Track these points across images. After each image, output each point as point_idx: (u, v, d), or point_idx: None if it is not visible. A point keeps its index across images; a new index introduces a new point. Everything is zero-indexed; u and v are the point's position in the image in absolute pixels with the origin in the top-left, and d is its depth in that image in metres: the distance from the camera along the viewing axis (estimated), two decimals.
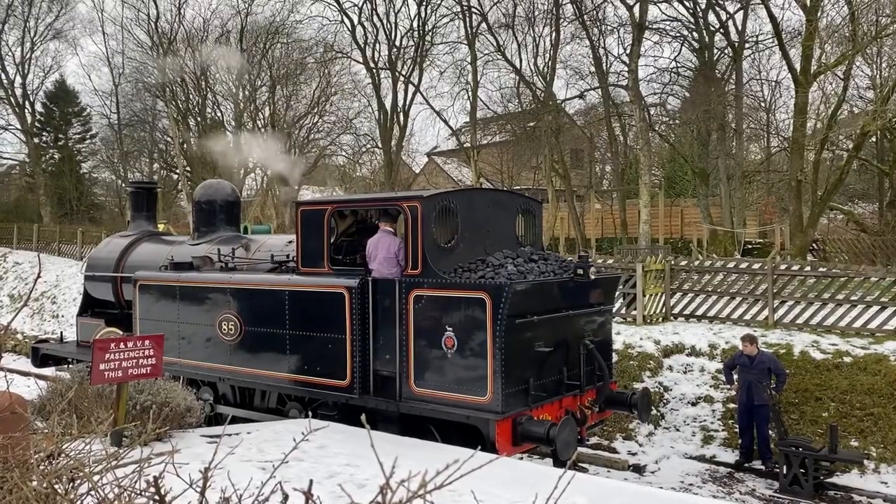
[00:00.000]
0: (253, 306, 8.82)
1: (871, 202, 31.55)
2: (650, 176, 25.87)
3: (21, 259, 27.77)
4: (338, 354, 7.93)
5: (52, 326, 22.08)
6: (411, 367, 7.48)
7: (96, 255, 12.45)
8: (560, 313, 7.70)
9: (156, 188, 13.89)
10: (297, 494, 1.70)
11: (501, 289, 6.90)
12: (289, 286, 8.45)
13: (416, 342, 7.44)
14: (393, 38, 32.27)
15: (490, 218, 8.36)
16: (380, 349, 7.78)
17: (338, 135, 36.34)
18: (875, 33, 20.19)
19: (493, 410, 6.95)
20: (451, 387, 7.21)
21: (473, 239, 8.07)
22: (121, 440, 6.22)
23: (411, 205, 7.57)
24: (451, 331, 7.19)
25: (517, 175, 35.80)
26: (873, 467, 9.60)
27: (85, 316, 12.28)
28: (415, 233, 7.49)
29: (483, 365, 6.99)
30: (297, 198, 35.39)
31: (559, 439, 6.88)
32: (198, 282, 9.53)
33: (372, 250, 7.96)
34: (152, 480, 1.66)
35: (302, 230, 8.48)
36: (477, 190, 8.69)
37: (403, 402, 7.55)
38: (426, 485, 1.28)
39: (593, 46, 28.35)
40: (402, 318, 7.53)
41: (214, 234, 11.05)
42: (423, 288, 7.40)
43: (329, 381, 8.04)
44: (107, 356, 6.80)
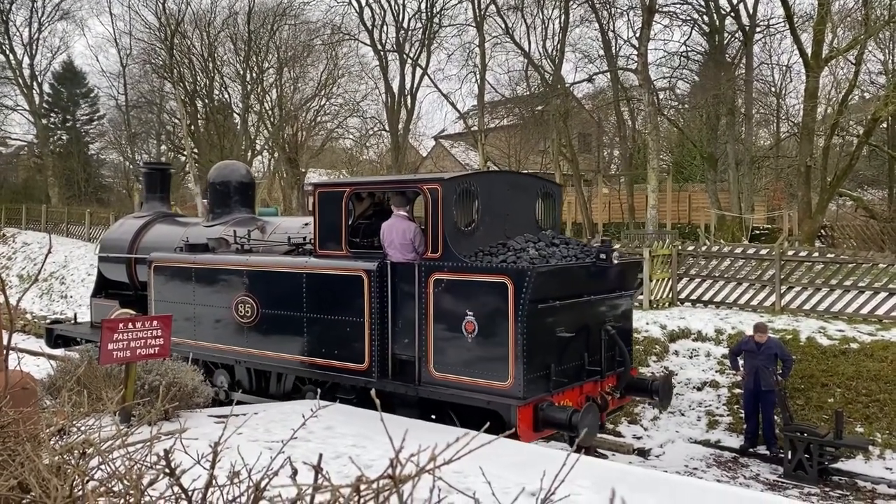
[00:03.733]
0: (269, 288, 8.75)
1: (880, 188, 31.36)
2: (658, 161, 25.78)
3: (30, 239, 27.92)
4: (356, 338, 7.88)
5: (60, 307, 22.22)
6: (430, 352, 7.41)
7: (110, 237, 12.40)
8: (582, 298, 7.60)
9: (169, 169, 13.68)
10: (306, 470, 1.72)
11: (524, 273, 6.80)
12: (306, 269, 8.38)
13: (436, 326, 7.37)
14: (401, 19, 32.13)
15: (510, 201, 8.24)
16: (398, 333, 7.72)
17: (345, 117, 36.28)
18: (888, 17, 19.98)
19: (514, 396, 6.88)
20: (471, 371, 7.14)
21: (493, 222, 7.95)
22: (129, 418, 6.28)
23: (432, 187, 7.43)
24: (471, 315, 7.10)
25: (525, 159, 35.68)
26: (878, 453, 9.60)
27: (99, 297, 12.24)
28: (435, 216, 7.39)
29: (504, 350, 6.91)
30: (305, 180, 35.44)
31: (582, 425, 6.82)
32: (214, 264, 9.45)
33: (387, 235, 7.85)
34: (163, 454, 1.68)
35: (319, 212, 8.38)
36: (497, 173, 8.69)
37: (422, 386, 7.49)
38: (435, 458, 1.29)
39: (602, 29, 28.15)
40: (421, 301, 7.45)
41: (229, 216, 10.95)
42: (443, 272, 7.31)
43: (347, 364, 7.99)
44: (115, 336, 6.84)
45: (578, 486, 5.02)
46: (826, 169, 22.71)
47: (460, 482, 4.46)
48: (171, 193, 13.80)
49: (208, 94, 35.23)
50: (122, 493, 1.85)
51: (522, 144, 34.45)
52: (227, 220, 10.78)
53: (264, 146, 36.26)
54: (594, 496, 4.87)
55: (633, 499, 4.86)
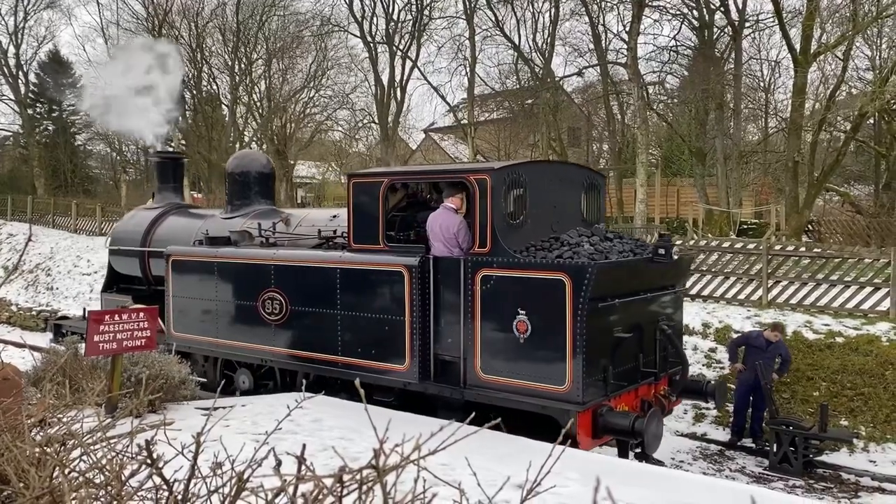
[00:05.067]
0: (300, 284, 8.32)
1: (867, 184, 31.58)
2: (647, 155, 25.84)
3: (15, 230, 27.68)
4: (395, 337, 7.49)
5: (46, 298, 22.05)
6: (477, 353, 7.02)
7: (122, 229, 11.92)
8: (638, 296, 7.21)
9: (182, 158, 13.11)
10: (291, 461, 1.70)
11: (584, 270, 6.40)
12: (340, 264, 7.95)
13: (484, 326, 6.97)
14: (391, 11, 31.99)
15: (556, 193, 7.81)
16: (441, 332, 7.33)
17: (334, 110, 36.13)
18: (876, 14, 20.08)
19: (572, 401, 6.49)
20: (523, 374, 6.74)
21: (540, 215, 7.51)
22: (115, 410, 6.24)
23: (480, 177, 7.04)
24: (523, 314, 6.69)
25: (514, 153, 35.69)
26: (862, 446, 9.70)
27: (110, 292, 11.73)
28: (483, 208, 6.99)
29: (561, 351, 6.51)
30: (293, 173, 35.28)
31: (648, 432, 6.52)
32: (239, 257, 9.02)
33: (433, 227, 7.45)
34: (144, 444, 1.66)
35: (354, 204, 7.94)
36: (544, 162, 8.29)
37: (468, 389, 7.10)
38: (420, 448, 1.28)
39: (592, 23, 28.14)
40: (467, 299, 7.06)
41: (249, 208, 10.51)
42: (493, 268, 6.90)
43: (386, 364, 7.60)
44: (101, 328, 6.80)
45: (565, 478, 5.03)
46: (813, 164, 22.85)
47: (447, 474, 4.45)
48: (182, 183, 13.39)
49: (196, 85, 34.97)
50: (102, 484, 1.83)
51: (512, 138, 34.45)
52: (248, 213, 10.37)
53: (253, 138, 36.03)
54: (581, 488, 4.89)
55: (620, 491, 4.88)
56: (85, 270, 22.86)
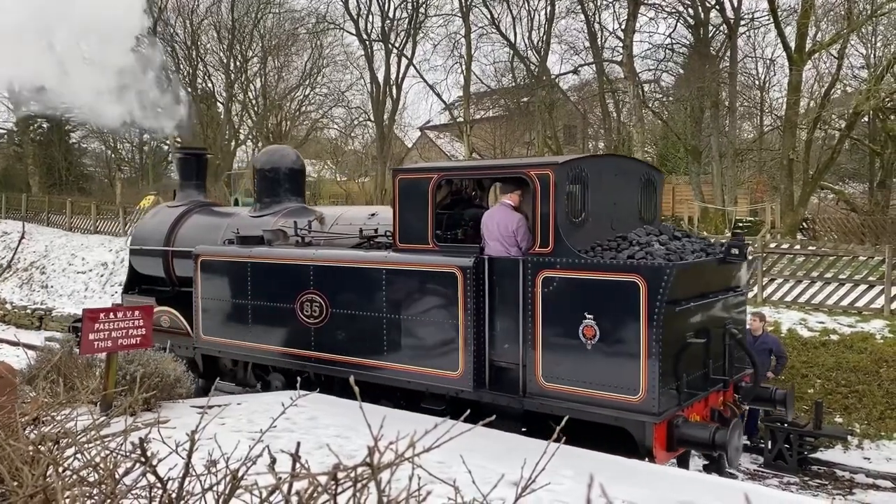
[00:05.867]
0: (342, 286, 7.92)
1: (861, 182, 31.67)
2: (643, 153, 25.86)
3: (10, 228, 27.60)
4: (447, 342, 7.07)
5: (40, 297, 21.99)
6: (538, 359, 6.60)
7: (143, 227, 11.45)
8: (709, 298, 6.83)
9: (206, 154, 12.59)
10: (286, 459, 1.70)
11: (661, 271, 5.99)
12: (386, 264, 7.55)
13: (546, 331, 6.54)
14: (386, 9, 31.96)
15: (615, 189, 7.39)
16: (497, 337, 6.92)
17: (329, 107, 36.12)
18: (870, 12, 20.12)
19: (647, 411, 6.07)
20: (590, 383, 6.32)
21: (600, 213, 7.10)
22: (109, 408, 6.22)
23: (541, 173, 6.63)
24: (591, 319, 6.28)
25: (510, 150, 35.71)
26: (856, 443, 9.73)
27: (131, 294, 11.31)
28: (545, 205, 6.57)
29: (635, 359, 6.09)
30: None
31: (731, 445, 6.19)
32: (275, 258, 8.58)
33: (489, 225, 7.06)
34: (138, 442, 1.66)
35: (400, 201, 7.53)
36: (604, 157, 7.73)
37: (528, 397, 6.69)
38: (414, 446, 1.28)
39: (588, 21, 28.15)
40: (526, 302, 6.65)
41: (279, 206, 10.07)
42: (556, 269, 6.48)
43: (436, 371, 7.18)
44: (96, 326, 6.78)
45: (560, 475, 5.04)
46: (808, 162, 22.90)
47: (442, 472, 4.45)
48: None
49: (191, 82, 34.90)
50: (96, 483, 1.83)
51: (508, 136, 34.44)
52: (278, 211, 9.95)
53: (248, 136, 36.00)
54: (575, 485, 4.89)
55: (614, 488, 4.89)
56: (80, 269, 22.81)
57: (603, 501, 3.14)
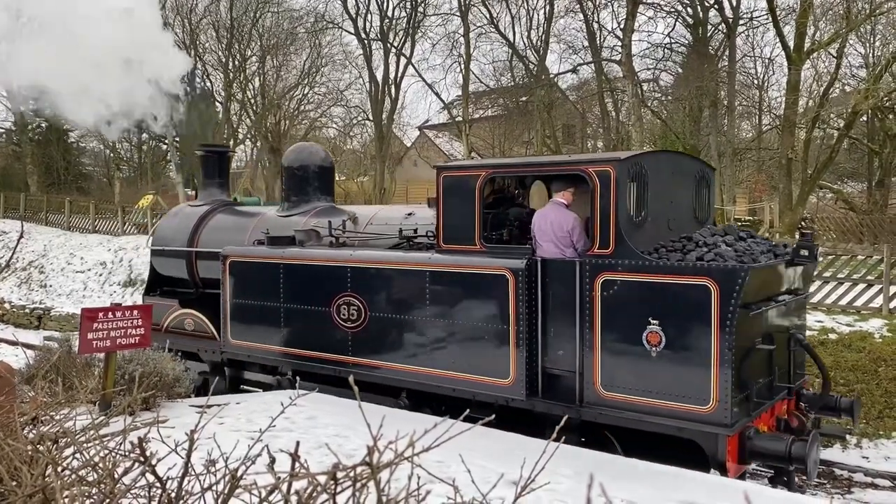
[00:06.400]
0: (381, 288, 7.62)
1: (860, 181, 31.69)
2: None
3: (8, 228, 27.59)
4: (497, 347, 6.76)
5: (39, 296, 21.98)
6: (597, 367, 6.27)
7: (165, 227, 11.09)
8: (777, 302, 6.49)
9: (228, 152, 12.24)
10: (285, 459, 1.70)
11: (735, 273, 5.66)
12: (430, 266, 7.23)
13: (605, 337, 6.22)
14: (385, 8, 31.95)
15: (672, 187, 7.07)
16: (550, 343, 6.62)
17: (328, 107, 36.12)
18: (869, 11, 20.13)
19: (719, 423, 5.75)
20: (655, 392, 6.00)
21: (657, 212, 6.77)
22: (108, 407, 6.22)
23: (601, 169, 6.29)
24: (656, 324, 5.95)
25: (509, 150, 35.72)
26: (855, 442, 9.74)
27: (153, 295, 10.95)
28: (605, 204, 6.25)
29: (705, 367, 5.76)
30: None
31: (810, 458, 5.86)
32: (310, 259, 8.26)
33: (542, 225, 6.74)
34: (137, 442, 1.66)
35: (445, 200, 7.22)
36: (662, 153, 7.42)
37: (586, 407, 6.36)
38: (414, 445, 1.28)
39: (587, 20, 28.16)
40: (584, 307, 6.33)
41: (308, 205, 9.77)
42: (617, 271, 6.15)
43: (485, 378, 6.86)
44: (95, 325, 6.77)
45: (560, 475, 5.04)
46: (807, 161, 22.93)
47: (442, 471, 4.45)
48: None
49: (190, 82, 34.86)
50: (95, 482, 1.83)
51: (507, 135, 34.45)
52: (307, 210, 9.63)
53: (247, 135, 35.99)
54: (575, 485, 4.90)
55: (614, 488, 4.89)
56: (78, 268, 22.80)
57: (603, 501, 3.15)
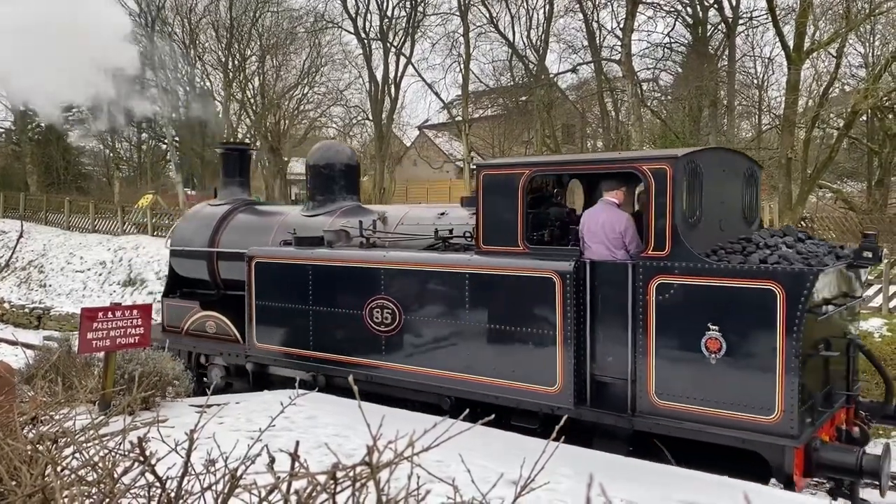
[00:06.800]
0: (417, 291, 7.35)
1: (860, 181, 31.69)
2: None
3: (8, 228, 27.59)
4: (543, 354, 6.50)
5: (39, 296, 21.98)
6: (651, 374, 5.99)
7: (185, 227, 10.80)
8: (838, 306, 6.18)
9: (249, 150, 11.97)
10: (285, 458, 1.70)
11: (803, 277, 5.39)
12: (469, 268, 6.97)
13: (659, 343, 5.95)
14: (384, 8, 31.94)
15: (722, 185, 6.79)
16: (600, 349, 6.36)
17: (328, 106, 36.12)
18: (868, 11, 20.13)
19: (785, 434, 5.49)
20: (715, 401, 5.73)
21: (710, 212, 6.49)
22: (108, 407, 6.22)
23: (657, 167, 6.01)
24: (716, 330, 5.68)
25: (508, 149, 35.73)
26: None
27: (172, 297, 10.70)
28: (661, 203, 5.97)
29: (769, 375, 5.50)
30: (287, 170, 35.21)
31: (884, 471, 5.64)
32: (341, 260, 8.01)
33: (590, 226, 6.49)
34: (136, 441, 1.65)
35: (485, 199, 6.97)
36: (714, 150, 7.26)
37: (639, 416, 6.07)
38: (413, 445, 1.28)
39: (587, 20, 28.16)
40: (637, 311, 6.07)
41: (333, 204, 9.55)
42: (674, 274, 5.86)
43: (529, 386, 6.60)
44: (94, 325, 6.78)
45: (560, 474, 5.04)
46: (806, 161, 22.92)
47: (441, 471, 4.45)
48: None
49: (189, 81, 34.87)
50: (94, 482, 1.83)
51: (506, 135, 34.45)
52: (334, 210, 9.42)
53: (246, 135, 35.96)
54: (575, 485, 4.90)
55: (614, 488, 4.89)
56: (78, 267, 22.80)
57: (602, 501, 3.15)
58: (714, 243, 6.27)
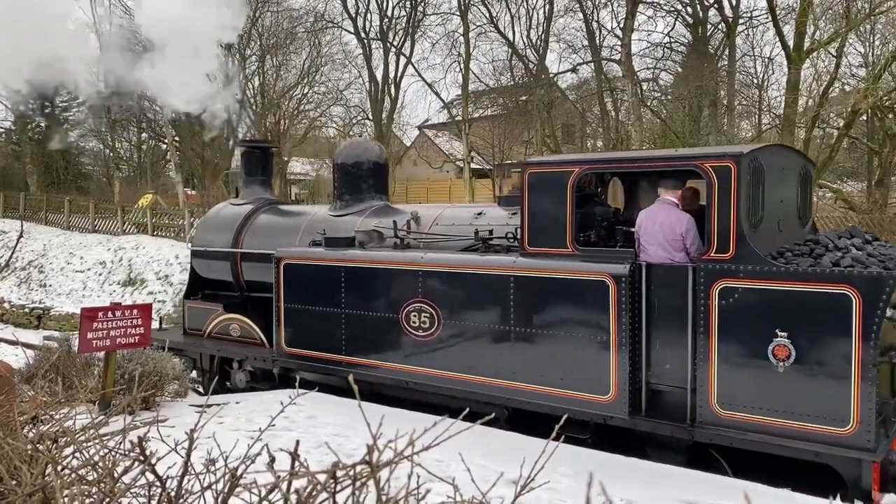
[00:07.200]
0: (458, 294, 7.11)
1: (860, 180, 31.70)
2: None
3: (8, 227, 27.59)
4: (595, 360, 6.24)
5: (39, 296, 21.99)
6: (713, 383, 5.74)
7: (207, 227, 10.56)
8: None
9: (271, 148, 11.66)
10: (285, 458, 1.70)
11: (882, 282, 5.12)
12: (515, 271, 6.72)
13: (722, 349, 5.71)
14: (384, 7, 31.98)
15: (780, 184, 6.50)
16: (656, 356, 6.11)
17: (328, 106, 36.10)
18: (868, 10, 20.14)
19: (861, 447, 5.20)
20: (783, 412, 5.48)
21: (771, 212, 6.22)
22: (108, 407, 6.22)
23: (721, 165, 5.76)
24: (784, 336, 5.43)
25: (508, 149, 35.74)
26: None
27: (194, 299, 10.43)
28: (725, 203, 5.72)
29: (844, 384, 5.23)
30: (286, 170, 35.21)
31: None
32: (376, 261, 7.78)
33: (648, 226, 6.24)
34: (136, 441, 1.66)
35: (531, 199, 6.71)
36: (774, 147, 6.97)
37: (699, 427, 5.82)
38: (413, 444, 1.28)
39: (587, 19, 28.16)
40: (697, 316, 5.81)
41: (362, 204, 9.31)
42: (738, 278, 5.62)
43: (579, 394, 6.35)
44: (94, 325, 6.78)
45: (559, 474, 5.05)
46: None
47: (441, 470, 4.45)
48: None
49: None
50: (95, 481, 1.83)
51: (506, 134, 34.45)
52: (363, 209, 9.17)
53: (246, 134, 35.95)
54: (575, 484, 4.90)
55: (615, 487, 4.89)
56: (78, 267, 22.80)
57: (602, 500, 3.15)
58: (775, 245, 6.03)
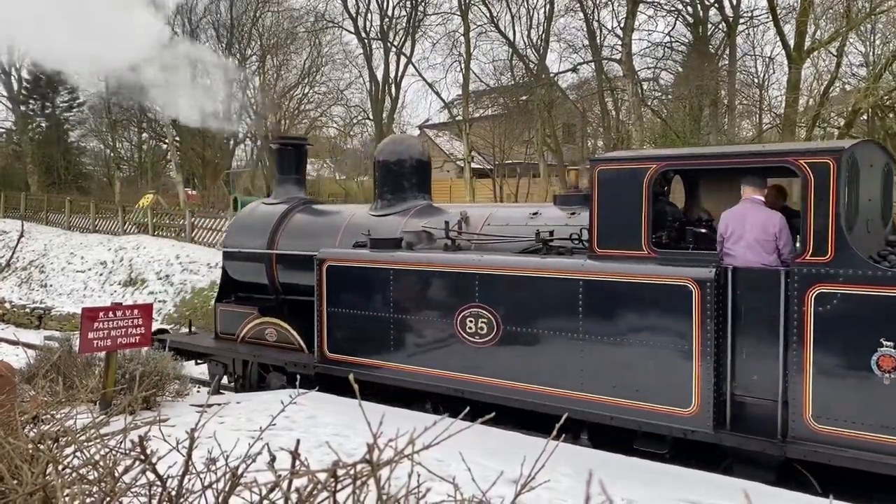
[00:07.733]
0: (519, 299, 6.74)
1: None
2: None
3: (8, 227, 27.61)
4: (675, 370, 5.86)
5: (40, 296, 22.00)
6: (808, 395, 5.38)
7: (239, 228, 10.14)
8: None
9: (305, 145, 11.11)
10: (286, 457, 1.70)
11: None
12: (584, 274, 6.31)
13: (818, 360, 5.33)
14: (385, 7, 31.98)
15: (868, 182, 6.11)
16: (742, 366, 5.72)
17: (328, 106, 36.11)
18: (869, 10, 20.13)
19: None
20: (889, 427, 5.10)
21: (862, 212, 5.90)
22: (109, 406, 6.24)
23: (818, 161, 5.38)
24: (891, 346, 5.08)
25: (509, 149, 35.74)
26: None
27: (227, 302, 10.08)
28: (823, 203, 5.35)
29: None
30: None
31: None
32: (428, 264, 7.40)
33: (735, 227, 5.86)
34: (137, 440, 1.66)
35: (601, 197, 6.32)
36: (866, 142, 6.66)
37: (791, 442, 5.44)
38: (414, 443, 1.28)
39: (587, 19, 28.16)
40: (790, 324, 5.44)
41: (405, 203, 8.87)
42: (838, 282, 5.24)
43: (657, 406, 5.96)
44: (95, 325, 6.79)
45: (559, 473, 5.05)
46: None
47: (442, 469, 4.45)
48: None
49: (189, 81, 34.86)
50: (95, 481, 1.83)
51: (507, 134, 34.45)
52: (406, 209, 8.76)
53: (246, 134, 35.98)
54: (575, 483, 4.91)
55: (615, 487, 4.90)
56: (79, 267, 22.81)
57: (602, 499, 3.15)
58: (865, 247, 5.65)
